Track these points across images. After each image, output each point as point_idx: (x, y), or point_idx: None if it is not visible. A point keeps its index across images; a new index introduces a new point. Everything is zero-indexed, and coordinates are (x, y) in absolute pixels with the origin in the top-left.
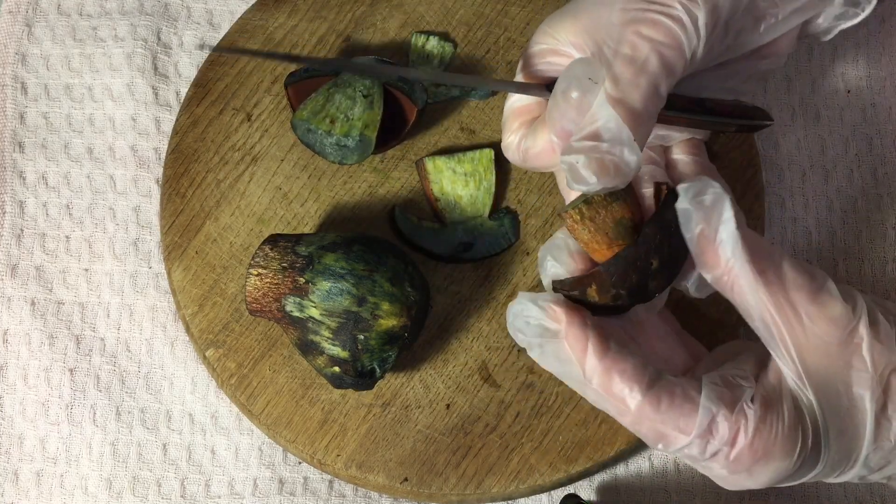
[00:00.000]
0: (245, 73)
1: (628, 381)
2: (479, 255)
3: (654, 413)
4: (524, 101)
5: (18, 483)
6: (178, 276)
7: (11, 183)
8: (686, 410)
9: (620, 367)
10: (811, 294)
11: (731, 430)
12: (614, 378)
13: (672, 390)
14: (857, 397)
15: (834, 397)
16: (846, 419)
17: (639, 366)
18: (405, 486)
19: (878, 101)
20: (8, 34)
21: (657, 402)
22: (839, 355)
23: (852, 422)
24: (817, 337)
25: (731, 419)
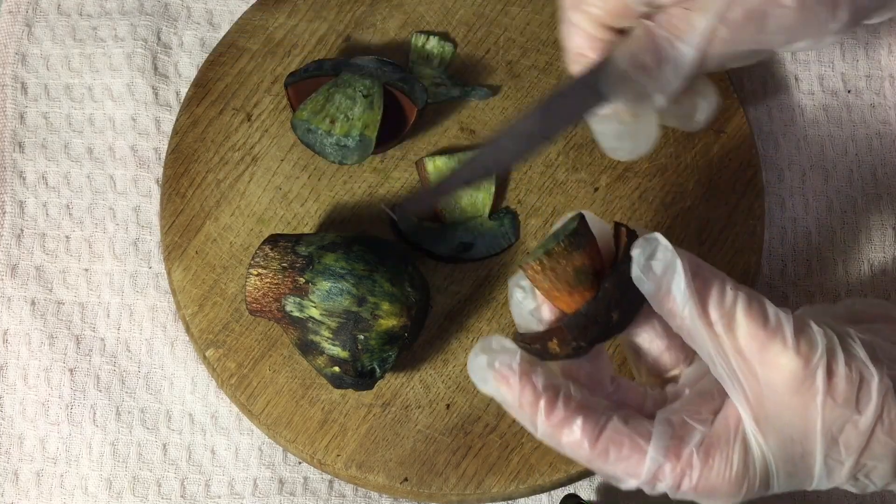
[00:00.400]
0: (245, 73)
1: (576, 439)
2: (479, 255)
3: (603, 463)
4: None
5: (18, 483)
6: (178, 276)
7: (11, 183)
8: (634, 461)
9: (568, 426)
10: (763, 344)
11: (676, 477)
12: (563, 435)
13: (620, 441)
14: (808, 446)
15: (787, 444)
16: (798, 465)
17: (588, 420)
18: (405, 486)
19: (878, 101)
20: (8, 34)
21: (606, 454)
22: (792, 404)
23: (804, 466)
24: (770, 386)
25: (677, 469)
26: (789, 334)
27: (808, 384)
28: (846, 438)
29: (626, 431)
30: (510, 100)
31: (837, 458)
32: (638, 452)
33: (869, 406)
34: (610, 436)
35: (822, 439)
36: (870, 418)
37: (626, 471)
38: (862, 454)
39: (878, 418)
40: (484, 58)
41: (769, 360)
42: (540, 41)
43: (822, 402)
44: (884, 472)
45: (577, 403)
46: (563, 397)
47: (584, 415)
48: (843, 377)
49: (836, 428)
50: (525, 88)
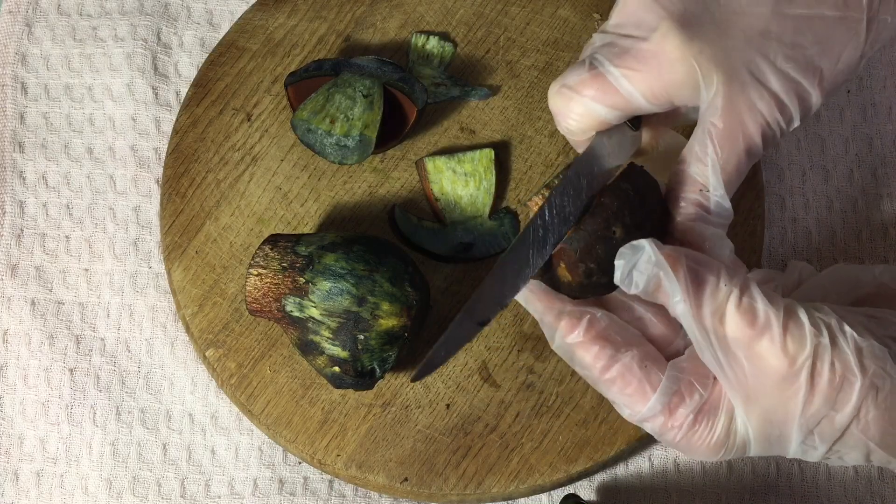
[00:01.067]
0: (245, 73)
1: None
2: (479, 255)
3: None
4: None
5: (18, 483)
6: (178, 276)
7: (11, 183)
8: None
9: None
10: (751, 340)
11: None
12: (576, 354)
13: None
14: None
15: (767, 426)
16: (774, 444)
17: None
18: (405, 486)
19: (878, 100)
20: (8, 34)
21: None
22: (775, 395)
23: (779, 446)
24: (755, 376)
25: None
26: (777, 333)
27: (791, 381)
28: (821, 430)
29: (637, 374)
30: (510, 100)
31: (811, 444)
32: (642, 396)
33: (847, 406)
34: (621, 372)
35: (799, 429)
36: (846, 417)
37: (626, 402)
38: (835, 444)
39: (854, 417)
40: (484, 58)
41: (757, 355)
42: (540, 41)
43: (804, 400)
44: (855, 458)
45: (598, 332)
46: (587, 323)
47: (601, 345)
48: (826, 380)
49: (813, 422)
50: (525, 88)
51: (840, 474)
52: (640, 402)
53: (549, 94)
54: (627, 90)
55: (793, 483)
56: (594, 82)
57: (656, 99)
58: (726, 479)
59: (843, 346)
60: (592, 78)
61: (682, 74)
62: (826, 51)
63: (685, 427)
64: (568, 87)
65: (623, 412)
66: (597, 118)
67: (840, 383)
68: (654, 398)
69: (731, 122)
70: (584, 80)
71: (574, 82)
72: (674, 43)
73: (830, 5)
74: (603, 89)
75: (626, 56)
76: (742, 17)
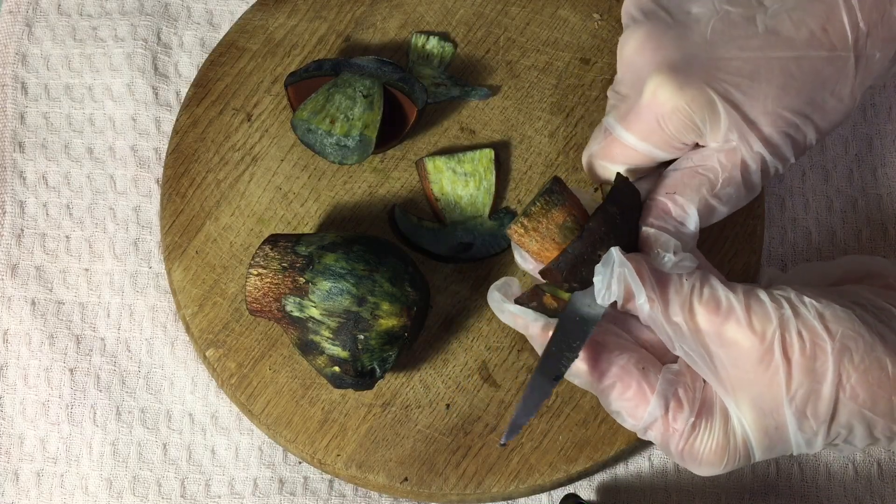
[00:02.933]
0: (245, 73)
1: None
2: (479, 255)
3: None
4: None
5: (18, 483)
6: (178, 276)
7: (11, 183)
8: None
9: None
10: (718, 326)
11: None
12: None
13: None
14: (780, 418)
15: (761, 417)
16: (774, 437)
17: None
18: (405, 485)
19: (878, 101)
20: (8, 34)
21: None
22: (758, 379)
23: (779, 438)
24: (734, 364)
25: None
26: (741, 314)
27: (767, 358)
28: (813, 409)
29: (636, 375)
30: (510, 100)
31: (809, 429)
32: (642, 399)
33: (827, 374)
34: (619, 374)
35: (791, 411)
36: (830, 386)
37: (626, 408)
38: (832, 422)
39: (838, 385)
40: (484, 58)
41: (728, 341)
42: (540, 41)
43: (785, 375)
44: (860, 434)
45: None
46: None
47: (596, 349)
48: (798, 349)
49: (802, 399)
50: (525, 88)
51: (840, 474)
52: (641, 405)
53: (582, 161)
54: (643, 148)
55: (793, 483)
56: (612, 147)
57: (669, 147)
58: (726, 479)
59: (805, 314)
60: (609, 143)
61: (679, 123)
62: (817, 90)
63: (686, 431)
64: (594, 155)
65: (626, 422)
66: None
67: (813, 350)
68: (654, 400)
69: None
70: (604, 147)
71: (597, 150)
72: (665, 95)
73: (816, 47)
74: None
75: (630, 116)
76: (730, 63)
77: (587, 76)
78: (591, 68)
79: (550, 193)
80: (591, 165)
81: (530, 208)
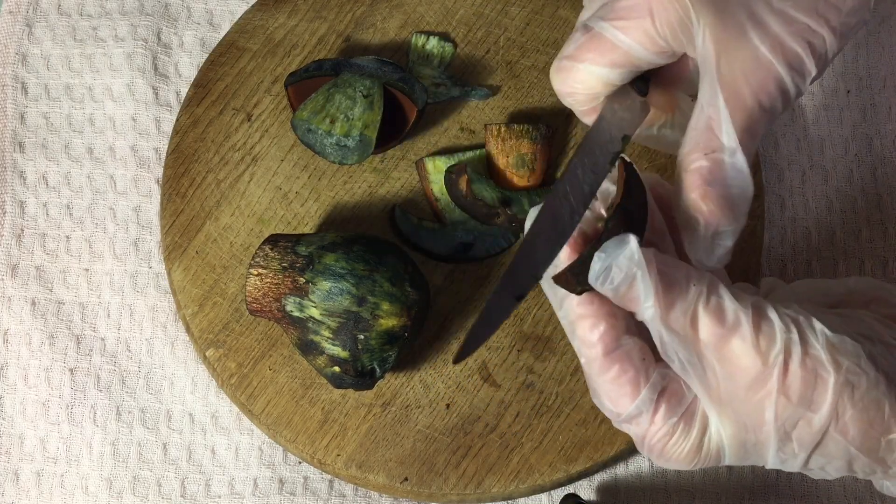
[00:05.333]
0: (245, 73)
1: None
2: (479, 255)
3: (599, 374)
4: None
5: (19, 483)
6: (179, 276)
7: (12, 183)
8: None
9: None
10: (721, 340)
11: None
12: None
13: (628, 368)
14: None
15: (741, 431)
16: (750, 452)
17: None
18: (405, 485)
19: (878, 101)
20: (8, 34)
21: (608, 369)
22: (749, 398)
23: (756, 454)
24: (727, 379)
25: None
26: (748, 331)
27: (763, 381)
28: (799, 435)
29: (636, 364)
30: (510, 100)
31: (790, 452)
32: (634, 388)
33: (823, 406)
34: (622, 358)
35: (775, 434)
36: (823, 418)
37: (612, 396)
38: (815, 450)
39: (832, 418)
40: (484, 58)
41: (727, 356)
42: (540, 41)
43: (776, 400)
44: (838, 466)
45: (608, 310)
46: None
47: (610, 324)
48: (799, 377)
49: (790, 424)
50: (525, 88)
51: None
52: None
53: (551, 73)
54: (624, 42)
55: (793, 483)
56: (591, 44)
57: (655, 46)
58: (726, 479)
59: (813, 342)
60: (588, 40)
61: (674, 13)
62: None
63: (665, 432)
64: (567, 57)
65: (604, 406)
66: (601, 81)
67: (814, 381)
68: (645, 393)
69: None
70: (580, 45)
71: (572, 51)
72: None
73: None
74: (600, 49)
75: (617, 8)
76: None
77: None
78: None
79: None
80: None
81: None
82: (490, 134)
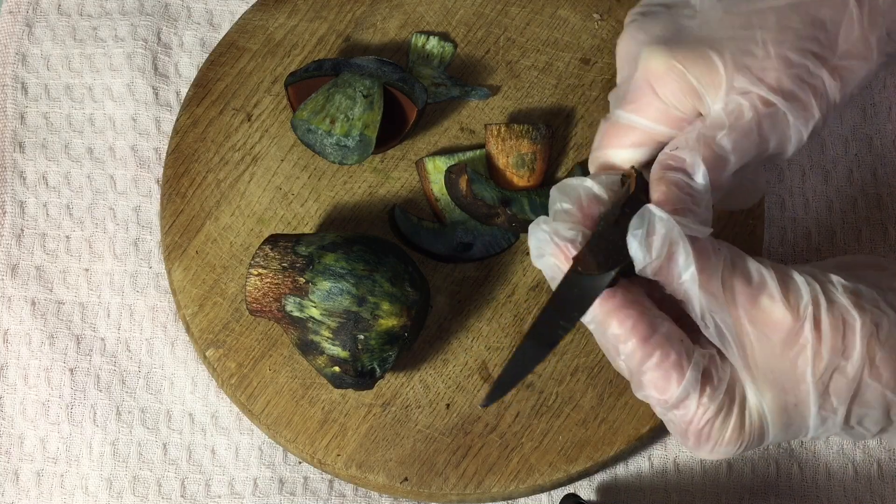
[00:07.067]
0: (245, 73)
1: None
2: (479, 255)
3: (640, 364)
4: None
5: (19, 483)
6: (179, 276)
7: (12, 183)
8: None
9: (621, 315)
10: (751, 299)
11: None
12: (612, 324)
13: (668, 352)
14: (802, 396)
15: (780, 394)
16: (792, 414)
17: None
18: (405, 485)
19: (878, 100)
20: (8, 34)
21: (648, 358)
22: (784, 356)
23: (798, 415)
24: (761, 340)
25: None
26: (775, 288)
27: (797, 336)
28: (836, 387)
29: (676, 346)
30: (510, 100)
31: (829, 407)
32: (678, 370)
33: (855, 352)
34: (661, 342)
35: (814, 388)
36: (857, 364)
37: (657, 383)
38: (853, 402)
39: (864, 364)
40: (484, 58)
41: (760, 315)
42: (540, 41)
43: (813, 352)
44: (876, 417)
45: (634, 298)
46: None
47: (640, 311)
48: (829, 325)
49: (826, 376)
50: (525, 88)
51: (840, 474)
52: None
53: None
54: (640, 122)
55: (793, 483)
56: (611, 131)
57: (670, 120)
58: (726, 478)
59: (834, 291)
60: (609, 128)
61: (675, 85)
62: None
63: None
64: (595, 149)
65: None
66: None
67: (842, 327)
68: (689, 373)
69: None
70: (604, 134)
71: (598, 142)
72: (657, 61)
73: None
74: (619, 134)
75: (626, 95)
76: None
77: (587, 76)
78: (591, 68)
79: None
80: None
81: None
82: (490, 134)
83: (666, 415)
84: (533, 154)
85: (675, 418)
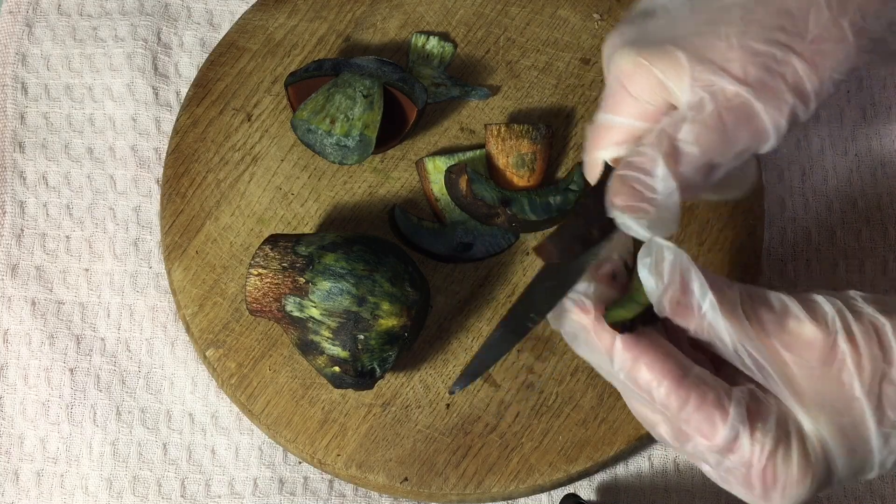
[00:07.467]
0: (245, 73)
1: (655, 376)
2: (479, 255)
3: (678, 411)
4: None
5: (19, 483)
6: (179, 276)
7: (12, 183)
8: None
9: (649, 357)
10: (779, 325)
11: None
12: (641, 371)
13: (704, 393)
14: (857, 414)
15: (835, 416)
16: (853, 438)
17: (669, 358)
18: (405, 485)
19: (878, 101)
20: (8, 34)
21: (685, 403)
22: (827, 375)
23: (859, 437)
24: (800, 364)
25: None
26: (798, 310)
27: (833, 351)
28: (889, 399)
29: (713, 381)
30: (510, 100)
31: (888, 422)
32: (720, 409)
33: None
34: (696, 381)
35: (867, 402)
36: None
37: (700, 427)
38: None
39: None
40: (484, 58)
41: (790, 339)
42: (540, 41)
43: (854, 364)
44: None
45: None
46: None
47: (666, 353)
48: (861, 333)
49: (875, 387)
50: (525, 88)
51: None
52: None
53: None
54: (616, 120)
55: None
56: (594, 133)
57: (643, 111)
58: None
59: (857, 303)
60: (592, 131)
61: (643, 81)
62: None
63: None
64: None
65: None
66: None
67: (875, 333)
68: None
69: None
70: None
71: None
72: (625, 60)
73: None
74: (601, 134)
75: (604, 99)
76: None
77: (587, 76)
78: (591, 68)
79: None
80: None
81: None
82: (490, 134)
83: (722, 465)
84: (533, 154)
85: (733, 465)
